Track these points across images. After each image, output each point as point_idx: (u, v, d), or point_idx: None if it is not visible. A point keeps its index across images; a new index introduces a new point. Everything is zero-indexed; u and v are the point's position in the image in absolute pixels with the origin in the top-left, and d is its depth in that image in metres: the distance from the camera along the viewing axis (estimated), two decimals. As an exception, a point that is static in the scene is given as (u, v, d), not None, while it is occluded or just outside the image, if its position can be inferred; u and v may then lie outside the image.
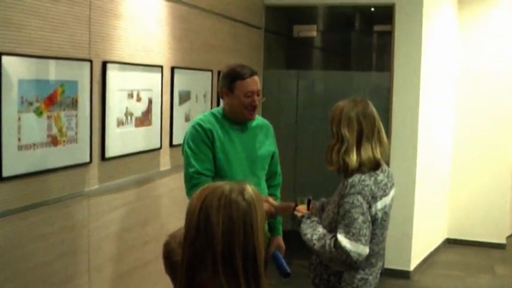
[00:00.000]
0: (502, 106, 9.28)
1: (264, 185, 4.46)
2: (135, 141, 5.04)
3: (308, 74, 9.41)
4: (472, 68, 9.39)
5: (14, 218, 3.73)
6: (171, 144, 5.64)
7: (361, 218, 3.40)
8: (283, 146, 8.58)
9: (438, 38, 8.48)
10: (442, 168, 9.22)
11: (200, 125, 4.23)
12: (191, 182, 4.18)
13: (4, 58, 3.54)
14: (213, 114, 4.34)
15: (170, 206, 5.71)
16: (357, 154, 3.52)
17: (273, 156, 4.55)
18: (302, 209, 3.80)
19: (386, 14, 7.87)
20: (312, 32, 10.50)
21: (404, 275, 7.73)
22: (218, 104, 6.45)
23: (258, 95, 4.27)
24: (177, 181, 5.70)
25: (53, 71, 3.99)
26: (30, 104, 3.77)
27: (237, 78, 4.22)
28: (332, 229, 3.52)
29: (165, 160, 5.58)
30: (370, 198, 3.46)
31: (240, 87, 4.21)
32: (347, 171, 3.54)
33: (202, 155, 4.18)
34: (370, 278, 3.61)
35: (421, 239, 8.21)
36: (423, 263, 8.33)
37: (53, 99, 3.97)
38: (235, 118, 4.30)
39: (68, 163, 4.21)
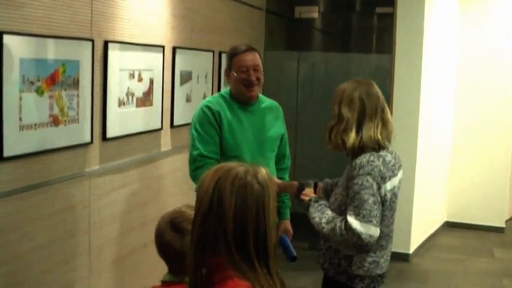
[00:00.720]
0: (502, 90, 9.26)
1: (273, 167, 4.42)
2: (136, 121, 5.01)
3: (309, 56, 9.37)
4: (472, 51, 9.37)
5: (14, 198, 3.71)
6: (172, 125, 5.61)
7: (371, 199, 3.37)
8: (283, 128, 8.62)
9: (439, 21, 8.45)
10: (442, 152, 9.22)
11: (208, 107, 4.19)
12: (194, 164, 4.15)
13: (5, 37, 3.50)
14: (222, 96, 4.31)
15: (171, 187, 5.69)
16: (356, 133, 3.49)
17: (282, 139, 4.51)
18: (309, 192, 3.75)
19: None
20: (313, 13, 10.45)
21: (403, 257, 7.72)
22: (219, 85, 6.45)
23: (255, 70, 4.18)
24: (178, 162, 5.69)
25: (55, 50, 3.95)
26: (32, 83, 3.73)
27: (234, 55, 4.21)
28: (342, 212, 3.47)
29: (165, 141, 5.56)
30: (379, 179, 3.42)
31: (235, 63, 4.18)
32: (348, 151, 3.52)
33: (208, 137, 4.14)
34: (381, 260, 3.59)
35: (421, 222, 8.21)
36: (422, 246, 8.33)
37: (54, 79, 3.93)
38: (239, 98, 4.25)
39: (69, 143, 4.18)
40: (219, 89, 6.47)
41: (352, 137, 3.48)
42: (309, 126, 8.69)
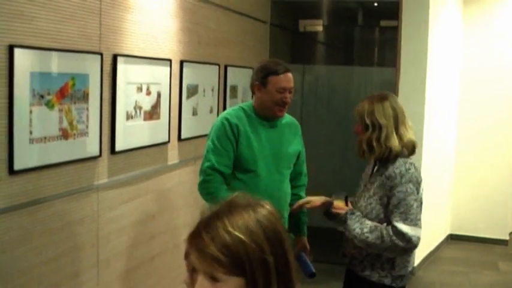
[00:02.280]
0: (506, 102, 9.29)
1: (287, 184, 4.44)
2: (144, 135, 5.02)
3: (313, 69, 9.40)
4: (475, 63, 9.39)
5: (24, 212, 3.71)
6: (179, 138, 5.62)
7: (415, 204, 3.64)
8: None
9: (443, 34, 8.47)
10: (445, 165, 9.21)
11: (227, 119, 4.21)
12: (203, 176, 4.19)
13: (16, 51, 3.51)
14: (243, 109, 4.32)
15: (178, 200, 5.70)
16: (397, 138, 3.71)
17: (299, 156, 4.54)
18: (341, 205, 3.90)
19: (392, 9, 7.86)
20: (317, 26, 10.47)
21: (408, 270, 7.71)
22: (225, 98, 6.45)
23: (290, 92, 4.27)
24: (185, 175, 5.70)
25: (64, 64, 3.96)
26: (42, 97, 3.74)
27: (271, 74, 4.22)
28: (380, 220, 3.69)
29: (173, 154, 5.57)
30: (417, 184, 3.70)
31: (272, 83, 4.21)
32: (389, 157, 3.70)
33: (222, 149, 4.16)
34: (410, 258, 3.88)
35: (424, 235, 8.14)
36: (427, 259, 8.32)
37: (64, 92, 3.94)
38: (265, 114, 4.29)
39: (78, 157, 4.18)
40: (224, 102, 6.49)
41: (396, 142, 3.70)
42: (314, 139, 8.70)
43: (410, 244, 3.60)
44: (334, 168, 9.08)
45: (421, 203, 3.77)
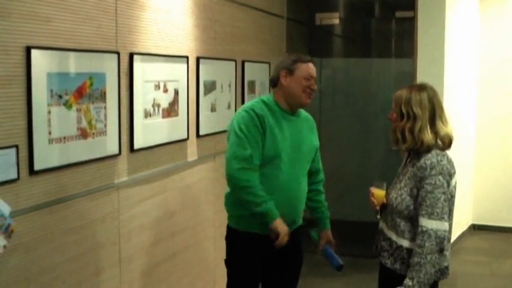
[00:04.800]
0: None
1: (306, 179, 4.45)
2: (163, 132, 5.04)
3: (331, 62, 9.39)
4: (493, 53, 9.35)
5: (45, 211, 3.74)
6: (198, 135, 5.63)
7: (443, 197, 3.59)
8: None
9: (460, 23, 8.43)
10: (466, 155, 9.18)
11: (253, 110, 4.20)
12: (242, 164, 4.12)
13: (33, 52, 3.54)
14: (264, 102, 4.32)
15: (198, 197, 5.72)
16: (431, 132, 3.68)
17: (316, 152, 4.57)
18: (381, 195, 3.93)
19: (407, 0, 7.83)
20: (334, 19, 10.45)
21: (431, 261, 7.69)
22: (243, 94, 6.46)
23: (315, 81, 4.33)
24: (205, 172, 5.72)
25: (81, 64, 3.99)
26: (60, 97, 3.77)
27: (299, 61, 4.29)
28: (410, 212, 3.69)
29: (192, 150, 5.58)
30: (448, 176, 3.65)
31: (301, 69, 4.26)
32: (420, 150, 3.69)
33: (254, 141, 4.14)
34: (447, 252, 3.78)
35: (447, 226, 8.16)
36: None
37: (81, 92, 3.97)
38: (289, 104, 4.32)
39: (98, 155, 4.21)
40: (242, 98, 6.49)
41: (429, 135, 3.67)
42: (333, 132, 8.71)
43: (438, 239, 3.56)
44: (354, 161, 9.08)
45: (452, 196, 3.73)
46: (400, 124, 3.73)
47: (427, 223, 3.56)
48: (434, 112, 3.72)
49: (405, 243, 3.72)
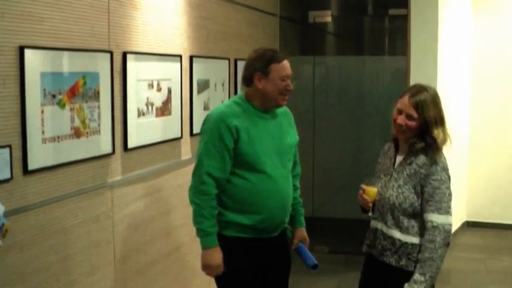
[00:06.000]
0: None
1: (290, 174, 4.26)
2: (156, 131, 5.05)
3: (324, 60, 9.42)
4: (487, 49, 9.38)
5: (39, 211, 3.74)
6: (191, 134, 5.64)
7: (448, 192, 3.75)
8: (301, 132, 8.63)
9: (453, 21, 8.45)
10: (460, 152, 9.20)
11: (223, 120, 3.97)
12: (195, 183, 4.07)
13: (27, 51, 3.54)
14: (237, 103, 4.10)
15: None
16: (442, 132, 3.79)
17: (295, 146, 4.37)
18: (373, 192, 3.92)
19: (401, -2, 7.86)
20: (326, 17, 10.47)
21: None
22: (236, 92, 6.45)
23: (290, 79, 4.10)
24: (198, 170, 5.71)
25: (74, 63, 3.99)
26: (53, 96, 3.77)
27: (273, 61, 4.02)
28: (414, 209, 3.76)
29: (185, 149, 5.59)
30: (448, 172, 3.81)
31: (275, 71, 4.01)
32: (432, 149, 3.77)
33: (217, 154, 3.96)
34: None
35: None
36: (443, 246, 8.31)
37: (74, 91, 3.97)
38: (264, 105, 4.09)
39: (91, 155, 4.21)
40: (236, 96, 6.49)
41: (441, 135, 3.78)
42: (327, 130, 8.72)
43: (445, 233, 3.69)
44: (347, 159, 9.09)
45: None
46: (415, 125, 3.79)
47: (437, 218, 3.67)
48: (441, 112, 3.84)
49: (412, 239, 3.78)
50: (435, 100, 3.85)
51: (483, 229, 9.45)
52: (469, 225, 9.56)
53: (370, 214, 3.98)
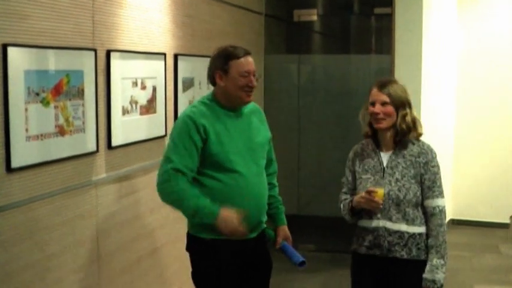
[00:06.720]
0: (504, 86, 9.30)
1: (265, 177, 4.17)
2: (141, 129, 5.05)
3: (309, 58, 9.43)
4: (471, 49, 9.41)
5: (23, 209, 3.74)
6: (176, 132, 5.63)
7: (440, 175, 3.95)
8: (287, 131, 8.66)
9: (438, 20, 8.48)
10: (445, 150, 9.22)
11: (191, 118, 3.90)
12: (164, 177, 3.90)
13: (10, 49, 3.53)
14: (204, 103, 4.02)
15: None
16: (415, 114, 4.00)
17: (269, 142, 4.27)
18: (382, 193, 3.86)
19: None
20: (312, 16, 10.49)
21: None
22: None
23: (253, 75, 3.96)
24: (183, 168, 5.71)
25: (58, 61, 3.99)
26: (37, 94, 3.77)
27: (231, 58, 3.93)
28: (418, 199, 3.88)
29: (170, 147, 5.58)
30: None
31: (235, 67, 3.91)
32: (415, 135, 3.96)
33: (185, 150, 3.87)
34: None
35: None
36: (428, 244, 8.33)
37: (59, 89, 3.97)
38: (231, 103, 4.00)
39: (75, 153, 4.21)
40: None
41: (414, 114, 3.98)
42: (312, 128, 8.73)
43: (444, 215, 3.90)
44: (332, 158, 9.10)
45: None
46: (403, 112, 3.91)
47: (442, 202, 3.88)
48: (410, 98, 3.98)
49: (418, 229, 3.88)
50: (402, 87, 3.96)
51: (468, 227, 9.48)
52: (454, 223, 9.58)
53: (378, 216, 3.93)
